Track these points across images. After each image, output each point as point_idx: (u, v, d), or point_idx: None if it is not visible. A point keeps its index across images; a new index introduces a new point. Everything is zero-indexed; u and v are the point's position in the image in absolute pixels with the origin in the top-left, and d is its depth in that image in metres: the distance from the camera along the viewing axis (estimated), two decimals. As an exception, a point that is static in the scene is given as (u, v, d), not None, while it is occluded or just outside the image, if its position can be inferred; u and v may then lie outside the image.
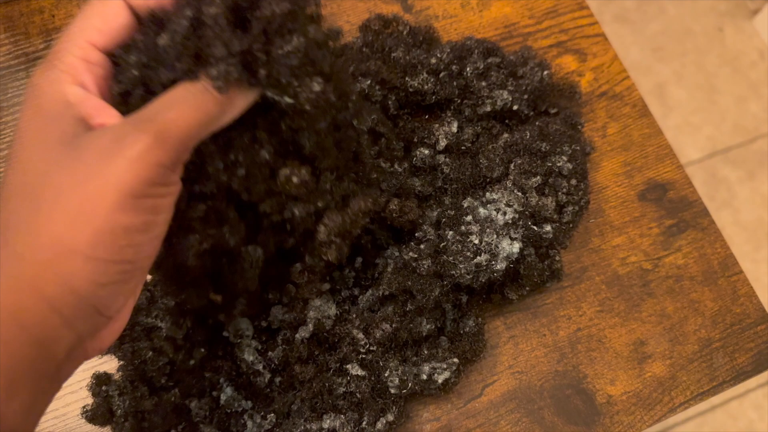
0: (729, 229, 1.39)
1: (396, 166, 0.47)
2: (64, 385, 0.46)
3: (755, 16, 1.56)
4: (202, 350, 0.43)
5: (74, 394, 0.46)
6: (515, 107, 0.51)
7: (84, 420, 0.43)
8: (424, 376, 0.45)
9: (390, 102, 0.50)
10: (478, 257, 0.44)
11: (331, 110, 0.34)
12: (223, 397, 0.43)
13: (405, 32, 0.54)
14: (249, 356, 0.42)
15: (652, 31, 1.54)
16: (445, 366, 0.46)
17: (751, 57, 1.55)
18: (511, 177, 0.47)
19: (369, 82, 0.48)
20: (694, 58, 1.53)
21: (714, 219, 0.55)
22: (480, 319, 0.48)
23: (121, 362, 0.44)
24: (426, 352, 0.46)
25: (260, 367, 0.42)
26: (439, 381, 0.46)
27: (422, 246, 0.45)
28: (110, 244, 0.27)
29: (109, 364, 0.46)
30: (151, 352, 0.43)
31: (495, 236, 0.44)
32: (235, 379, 0.43)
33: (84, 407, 0.46)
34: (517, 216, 0.45)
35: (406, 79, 0.51)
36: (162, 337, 0.43)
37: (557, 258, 0.48)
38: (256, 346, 0.43)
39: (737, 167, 1.46)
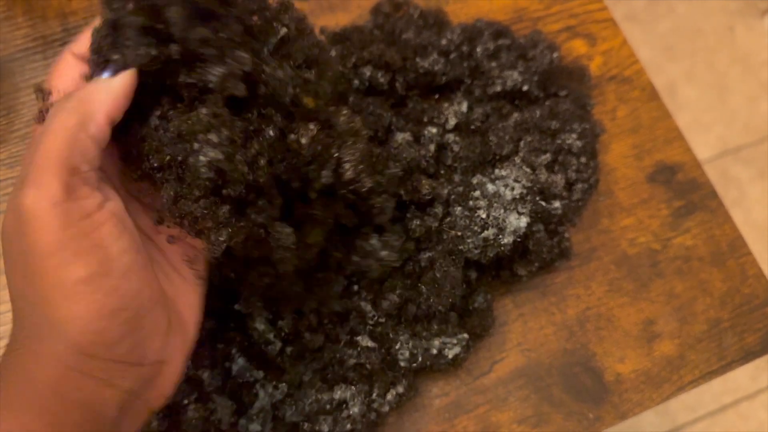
0: (740, 229, 1.38)
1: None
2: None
3: (766, 16, 1.56)
4: (212, 322, 0.43)
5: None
6: (525, 88, 0.51)
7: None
8: (434, 351, 0.46)
9: (398, 83, 0.50)
10: (486, 231, 0.44)
11: None
12: (234, 368, 0.43)
13: (416, 15, 0.54)
14: (260, 325, 0.43)
15: (662, 31, 1.54)
16: (455, 341, 0.46)
17: (761, 56, 1.54)
18: (521, 154, 0.48)
19: (370, 70, 0.49)
20: (705, 58, 1.53)
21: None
22: (489, 295, 0.48)
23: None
24: (436, 327, 0.46)
25: (271, 336, 0.43)
26: (449, 356, 0.46)
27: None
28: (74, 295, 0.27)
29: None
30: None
31: (502, 210, 0.45)
32: (246, 349, 0.44)
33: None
34: (525, 191, 0.45)
35: (417, 59, 0.51)
36: None
37: (566, 236, 0.49)
38: (266, 315, 0.43)
39: (748, 166, 1.45)
